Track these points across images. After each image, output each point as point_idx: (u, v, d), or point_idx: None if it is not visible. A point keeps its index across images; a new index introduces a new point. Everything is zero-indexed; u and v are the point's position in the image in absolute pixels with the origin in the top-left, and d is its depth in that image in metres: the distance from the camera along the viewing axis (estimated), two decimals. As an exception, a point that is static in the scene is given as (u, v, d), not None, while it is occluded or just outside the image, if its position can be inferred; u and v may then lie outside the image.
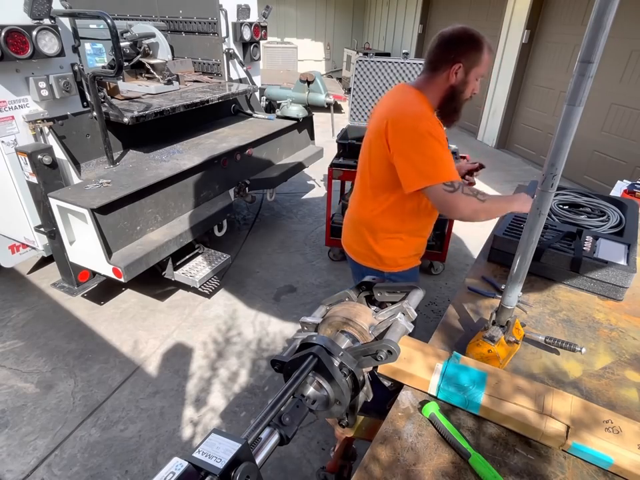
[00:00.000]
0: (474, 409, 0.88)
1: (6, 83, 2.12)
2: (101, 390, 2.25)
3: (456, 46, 1.34)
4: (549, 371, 1.05)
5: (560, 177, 0.86)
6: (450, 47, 1.35)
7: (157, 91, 3.07)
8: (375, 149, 1.43)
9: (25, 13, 2.06)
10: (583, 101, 0.77)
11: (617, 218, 1.62)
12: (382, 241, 1.56)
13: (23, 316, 2.74)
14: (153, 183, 2.40)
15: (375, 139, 1.41)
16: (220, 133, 3.38)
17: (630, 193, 2.78)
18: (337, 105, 6.22)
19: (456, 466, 0.80)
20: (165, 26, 3.44)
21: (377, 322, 0.86)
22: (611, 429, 0.80)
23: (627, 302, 1.32)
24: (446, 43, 1.36)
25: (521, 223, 1.57)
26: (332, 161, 3.20)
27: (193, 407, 2.17)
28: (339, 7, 11.71)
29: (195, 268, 2.80)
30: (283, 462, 1.92)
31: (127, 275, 2.20)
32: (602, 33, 0.71)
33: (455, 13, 7.77)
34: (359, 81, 3.31)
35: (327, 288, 3.16)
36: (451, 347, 1.11)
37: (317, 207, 4.48)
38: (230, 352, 2.53)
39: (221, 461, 0.50)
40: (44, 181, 2.24)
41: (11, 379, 2.29)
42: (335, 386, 0.72)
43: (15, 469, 1.86)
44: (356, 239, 1.64)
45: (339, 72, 11.49)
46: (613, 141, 4.66)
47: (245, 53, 3.77)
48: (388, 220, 1.52)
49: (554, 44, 5.50)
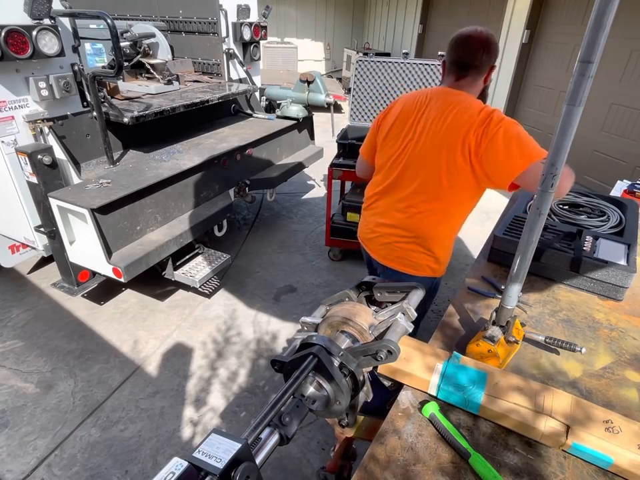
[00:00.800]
0: (474, 408, 0.88)
1: (6, 83, 2.12)
2: (101, 390, 2.25)
3: (494, 51, 1.45)
4: (549, 371, 1.05)
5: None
6: (491, 52, 1.44)
7: (157, 90, 3.07)
8: (452, 161, 1.40)
9: (25, 13, 2.06)
10: (583, 101, 0.77)
11: (617, 218, 1.61)
12: (446, 249, 1.61)
13: (23, 316, 2.74)
14: (153, 183, 2.40)
15: (453, 149, 1.39)
16: (220, 133, 3.38)
17: (630, 193, 2.78)
18: (336, 105, 6.22)
19: (456, 466, 0.80)
20: (164, 26, 3.44)
21: (376, 322, 0.86)
22: (610, 428, 0.80)
23: (627, 302, 1.32)
24: (489, 48, 1.43)
25: (521, 223, 1.57)
26: (332, 160, 3.20)
27: (192, 407, 2.17)
28: (339, 6, 11.70)
29: (195, 268, 2.80)
30: (283, 462, 1.92)
31: (127, 275, 2.20)
32: (602, 32, 0.70)
33: (455, 13, 7.77)
34: (358, 81, 3.31)
35: (327, 288, 3.16)
36: (450, 346, 1.11)
37: (317, 207, 4.48)
38: (230, 352, 2.54)
39: (221, 460, 0.50)
40: (44, 181, 2.24)
41: (11, 379, 2.29)
42: (335, 386, 0.72)
43: (14, 469, 1.86)
44: (409, 251, 1.58)
45: (339, 72, 11.49)
46: (613, 141, 4.66)
47: (245, 53, 3.77)
48: (452, 227, 1.57)
49: (554, 44, 5.50)
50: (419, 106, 1.51)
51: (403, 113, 1.54)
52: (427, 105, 1.49)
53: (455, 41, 1.47)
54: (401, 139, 1.53)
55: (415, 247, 1.57)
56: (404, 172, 1.53)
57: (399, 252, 1.60)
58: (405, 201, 1.54)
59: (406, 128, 1.52)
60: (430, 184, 1.47)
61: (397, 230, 1.58)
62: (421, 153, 1.48)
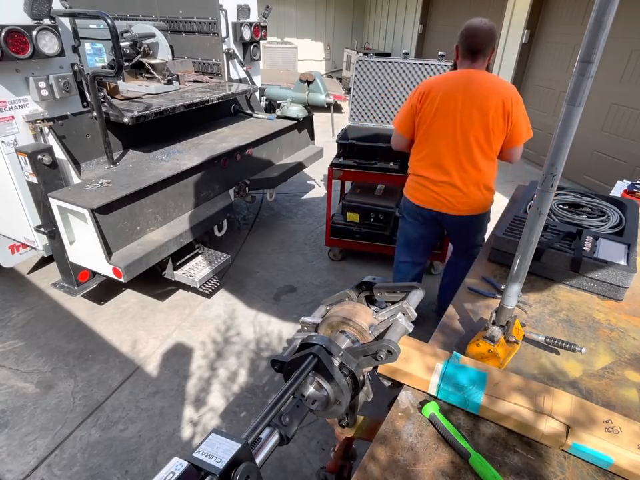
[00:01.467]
0: (474, 408, 0.88)
1: (6, 83, 2.12)
2: (101, 390, 2.25)
3: (495, 37, 1.96)
4: (549, 371, 1.05)
5: (560, 177, 0.86)
6: (493, 39, 1.94)
7: (157, 90, 3.07)
8: (495, 123, 1.88)
9: (25, 13, 2.06)
10: (583, 101, 0.77)
11: (617, 218, 1.61)
12: (491, 190, 2.09)
13: (23, 316, 2.74)
14: (153, 183, 2.40)
15: (494, 115, 1.86)
16: (220, 133, 3.38)
17: (630, 193, 2.79)
18: (336, 105, 6.22)
19: (456, 466, 0.80)
20: (164, 26, 3.44)
21: (376, 322, 0.86)
22: (610, 429, 0.80)
23: (627, 302, 1.32)
24: (492, 37, 1.92)
25: (521, 223, 1.57)
26: (332, 161, 3.20)
27: (192, 407, 2.17)
28: (339, 7, 11.70)
29: (195, 268, 2.80)
30: (282, 462, 1.92)
31: (127, 275, 2.20)
32: (602, 32, 0.71)
33: (455, 13, 7.77)
34: (358, 81, 3.31)
35: (327, 288, 3.16)
36: (450, 347, 1.11)
37: (317, 207, 4.49)
38: (230, 352, 2.54)
39: (221, 460, 0.50)
40: (44, 181, 2.24)
41: (11, 379, 2.29)
42: (335, 386, 0.72)
43: (14, 469, 1.86)
44: (472, 195, 2.04)
45: (339, 72, 11.49)
46: (613, 141, 4.66)
47: (245, 53, 3.78)
48: (494, 174, 2.07)
49: (554, 44, 5.50)
50: (458, 86, 1.91)
51: (446, 93, 1.92)
52: (465, 84, 1.90)
53: (466, 32, 1.92)
54: (452, 113, 1.92)
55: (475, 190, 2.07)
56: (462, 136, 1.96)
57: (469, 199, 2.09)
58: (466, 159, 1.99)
59: (453, 104, 1.91)
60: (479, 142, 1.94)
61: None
62: (471, 120, 1.90)
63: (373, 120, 3.44)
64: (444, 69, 3.07)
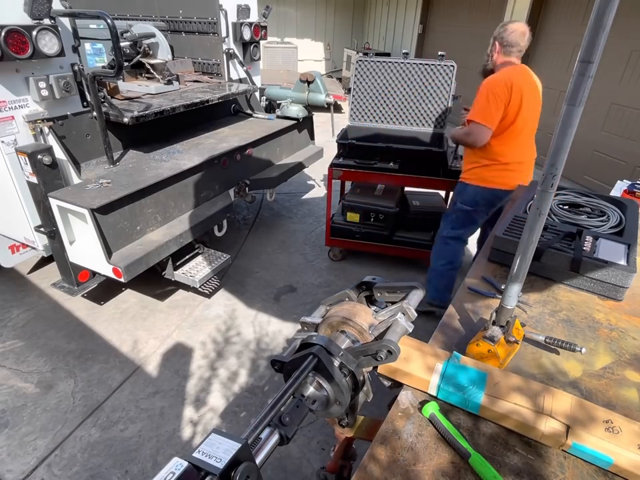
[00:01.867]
0: (474, 408, 0.88)
1: (6, 83, 2.12)
2: (101, 390, 2.25)
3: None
4: (549, 370, 1.05)
5: (560, 177, 0.86)
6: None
7: (157, 90, 3.07)
8: (539, 108, 2.38)
9: (25, 13, 2.06)
10: (583, 101, 0.77)
11: (617, 218, 1.61)
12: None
13: (23, 316, 2.74)
14: (153, 183, 2.40)
15: (539, 101, 2.37)
16: (220, 133, 3.38)
17: (630, 193, 2.79)
18: (336, 105, 6.22)
19: (456, 466, 0.80)
20: (165, 26, 3.44)
21: (376, 322, 0.86)
22: (610, 428, 0.80)
23: (627, 302, 1.32)
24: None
25: (521, 223, 1.57)
26: (332, 161, 3.20)
27: (192, 407, 2.17)
28: (339, 7, 11.70)
29: (195, 268, 2.80)
30: (282, 462, 1.92)
31: (127, 275, 2.20)
32: (602, 32, 0.70)
33: (455, 13, 7.77)
34: (358, 81, 3.31)
35: (327, 288, 3.16)
36: (450, 347, 1.11)
37: (317, 207, 4.49)
38: (230, 352, 2.54)
39: (221, 460, 0.50)
40: (44, 181, 2.24)
41: (11, 379, 2.29)
42: (335, 386, 0.72)
43: (14, 469, 1.86)
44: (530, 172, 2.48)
45: (339, 72, 11.49)
46: (613, 141, 4.66)
47: (245, 53, 3.77)
48: None
49: (554, 44, 5.50)
50: (527, 78, 2.30)
51: (526, 86, 2.25)
52: (530, 80, 2.31)
53: (516, 34, 2.24)
54: (532, 106, 2.30)
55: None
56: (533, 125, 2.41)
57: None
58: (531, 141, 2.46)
59: (531, 97, 2.28)
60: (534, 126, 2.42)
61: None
62: (535, 107, 2.35)
63: (373, 120, 3.45)
64: (444, 69, 3.07)
